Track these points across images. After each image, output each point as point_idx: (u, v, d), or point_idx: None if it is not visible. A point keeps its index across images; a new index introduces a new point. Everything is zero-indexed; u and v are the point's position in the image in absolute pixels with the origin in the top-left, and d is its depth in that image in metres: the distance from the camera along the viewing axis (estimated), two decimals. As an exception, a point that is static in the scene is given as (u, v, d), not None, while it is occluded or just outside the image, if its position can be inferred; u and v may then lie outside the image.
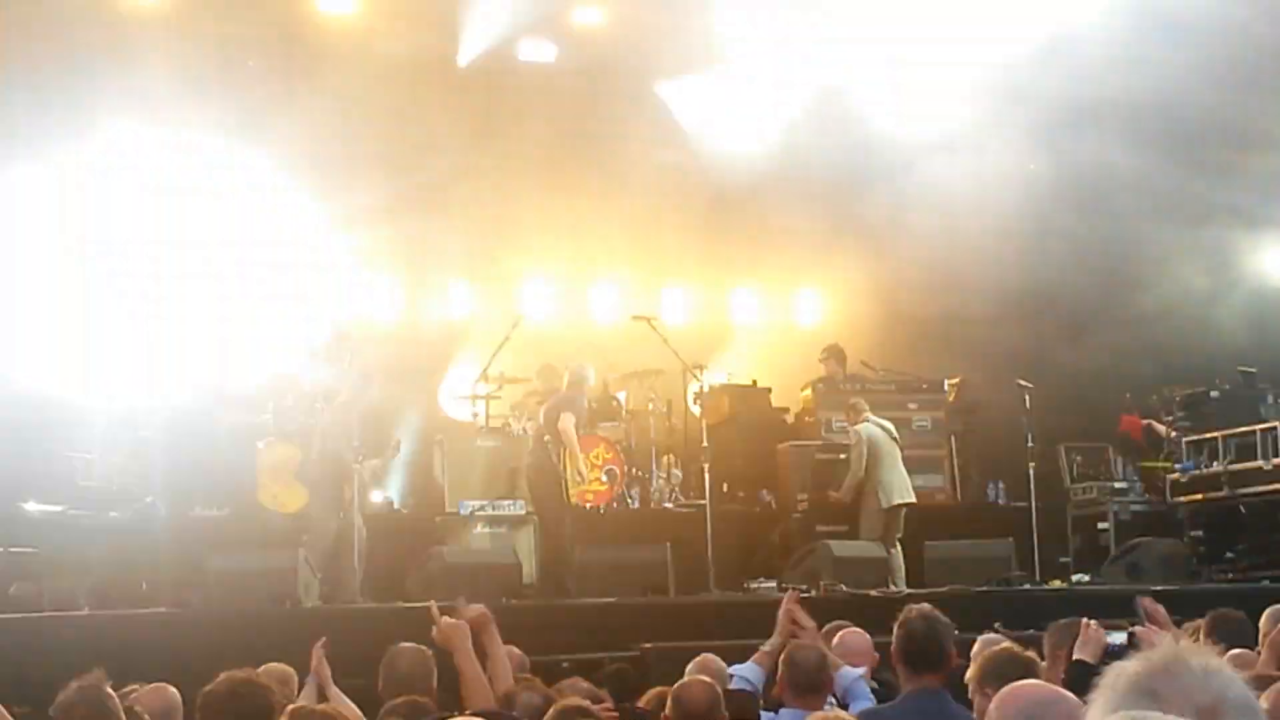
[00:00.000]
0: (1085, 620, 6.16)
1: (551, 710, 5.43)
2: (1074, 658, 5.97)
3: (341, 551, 12.34)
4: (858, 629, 7.67)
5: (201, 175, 15.65)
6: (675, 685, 6.16)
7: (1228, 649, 6.75)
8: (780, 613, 7.60)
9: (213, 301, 15.55)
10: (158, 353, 14.71)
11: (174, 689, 6.44)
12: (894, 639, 6.04)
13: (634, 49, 16.56)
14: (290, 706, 4.09)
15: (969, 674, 5.65)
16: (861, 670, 7.22)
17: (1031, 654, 5.93)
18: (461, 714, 5.27)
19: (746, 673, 7.38)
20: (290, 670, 7.20)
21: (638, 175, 16.34)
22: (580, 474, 13.10)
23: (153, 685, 6.60)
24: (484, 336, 15.64)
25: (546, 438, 13.02)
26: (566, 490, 12.98)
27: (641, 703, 6.82)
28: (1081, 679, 5.26)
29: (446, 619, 6.20)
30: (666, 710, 5.86)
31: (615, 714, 6.38)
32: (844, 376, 15.73)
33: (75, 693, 6.02)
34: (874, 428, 13.97)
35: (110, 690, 6.07)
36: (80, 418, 13.90)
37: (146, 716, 5.58)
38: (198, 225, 15.68)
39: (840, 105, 16.59)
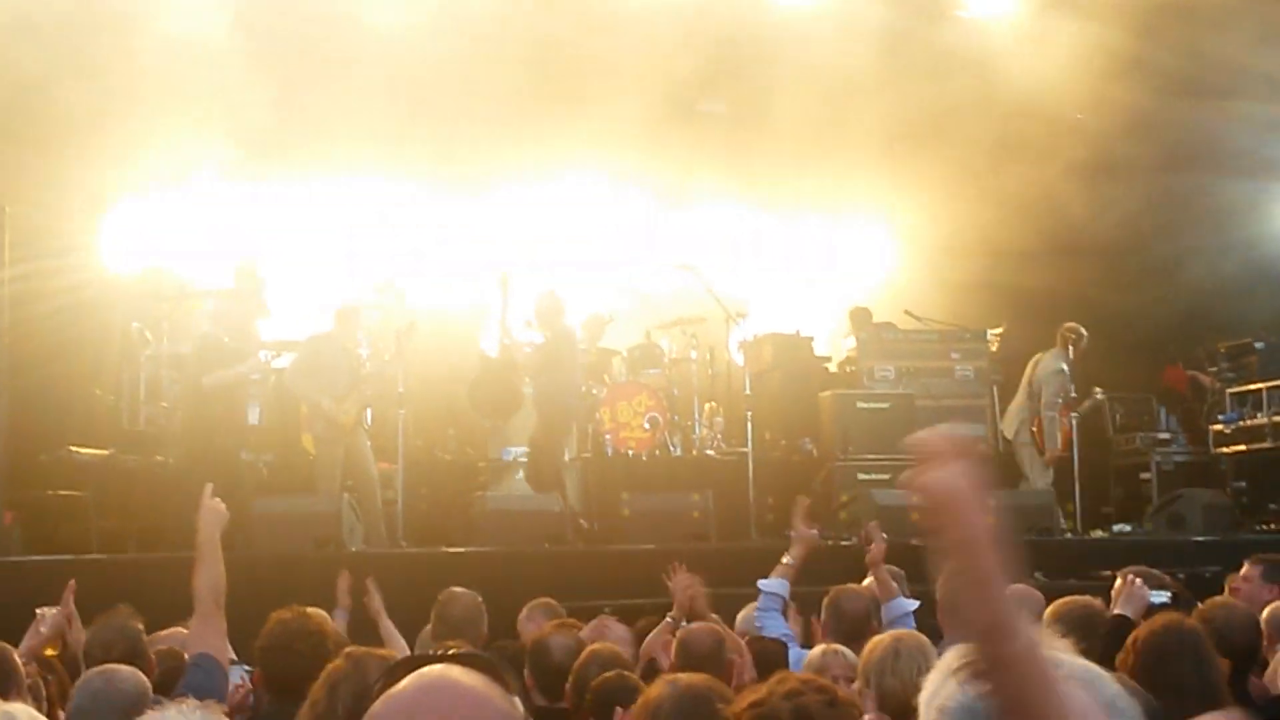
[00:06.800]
0: (1129, 574, 6.17)
1: (584, 653, 5.50)
2: (1116, 612, 5.99)
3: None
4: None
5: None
6: (680, 631, 6.19)
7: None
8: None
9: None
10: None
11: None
12: (939, 591, 6.07)
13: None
14: (346, 649, 4.10)
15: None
16: (914, 605, 7.26)
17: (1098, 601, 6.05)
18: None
19: (776, 588, 7.69)
20: (325, 614, 7.28)
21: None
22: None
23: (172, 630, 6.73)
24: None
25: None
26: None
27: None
28: (1121, 633, 5.29)
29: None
30: (673, 656, 5.85)
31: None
32: (867, 337, 15.56)
33: (112, 630, 6.12)
34: None
35: (140, 627, 6.20)
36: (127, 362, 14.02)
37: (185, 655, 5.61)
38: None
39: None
